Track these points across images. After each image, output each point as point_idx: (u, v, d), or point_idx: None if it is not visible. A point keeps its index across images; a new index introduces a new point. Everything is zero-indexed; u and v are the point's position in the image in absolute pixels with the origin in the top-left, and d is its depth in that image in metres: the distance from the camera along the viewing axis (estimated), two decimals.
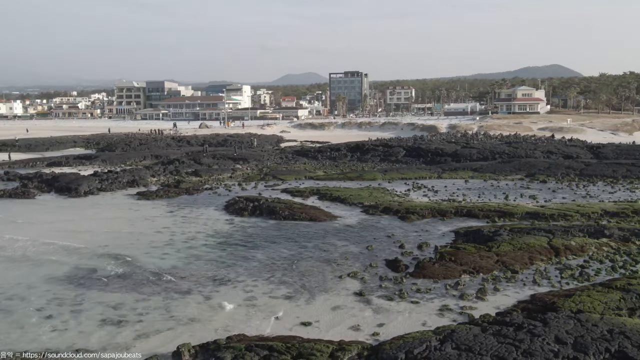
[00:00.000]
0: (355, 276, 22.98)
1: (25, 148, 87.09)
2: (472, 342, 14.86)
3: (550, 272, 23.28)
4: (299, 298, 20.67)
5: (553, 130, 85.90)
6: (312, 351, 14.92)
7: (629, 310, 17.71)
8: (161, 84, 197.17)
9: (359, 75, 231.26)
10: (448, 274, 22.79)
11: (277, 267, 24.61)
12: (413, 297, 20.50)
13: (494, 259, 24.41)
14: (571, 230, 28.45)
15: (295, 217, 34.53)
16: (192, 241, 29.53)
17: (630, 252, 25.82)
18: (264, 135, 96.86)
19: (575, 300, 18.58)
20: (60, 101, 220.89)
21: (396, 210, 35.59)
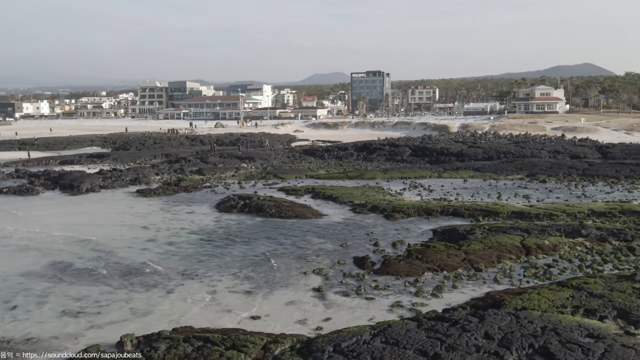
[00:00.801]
0: (320, 272, 23.34)
1: (44, 147, 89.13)
2: (401, 337, 15.13)
3: (515, 270, 23.34)
4: (258, 293, 21.11)
5: (566, 130, 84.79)
6: (245, 343, 15.35)
7: (573, 308, 17.76)
8: (183, 84, 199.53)
9: (380, 75, 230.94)
10: (411, 272, 23.00)
11: (248, 263, 25.10)
12: (370, 293, 20.78)
13: (461, 257, 24.54)
14: (548, 229, 28.40)
15: (281, 215, 34.99)
16: (174, 237, 30.20)
17: (602, 251, 25.70)
18: (276, 135, 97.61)
19: (524, 298, 18.68)
20: (85, 101, 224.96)
21: (383, 209, 35.81)
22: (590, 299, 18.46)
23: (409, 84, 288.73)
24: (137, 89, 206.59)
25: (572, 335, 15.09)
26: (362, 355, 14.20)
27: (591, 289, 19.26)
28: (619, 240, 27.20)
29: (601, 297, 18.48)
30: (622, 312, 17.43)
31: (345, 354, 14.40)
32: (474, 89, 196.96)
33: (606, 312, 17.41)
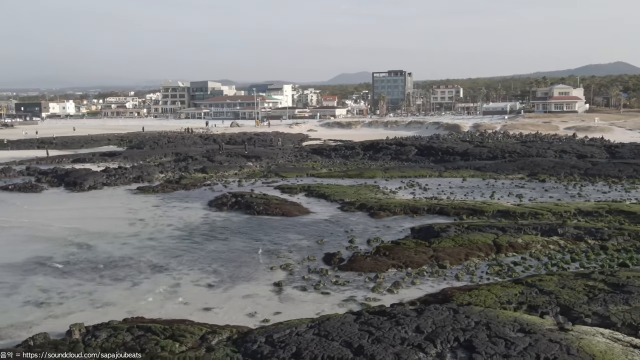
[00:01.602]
0: (287, 268, 23.76)
1: (62, 145, 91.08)
2: (334, 330, 15.47)
3: (480, 268, 23.48)
4: (220, 286, 21.65)
5: (580, 130, 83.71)
6: (184, 333, 15.86)
7: (517, 304, 17.88)
8: (204, 84, 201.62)
9: (402, 75, 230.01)
10: (376, 268, 23.28)
11: (220, 258, 25.64)
12: (328, 288, 21.13)
13: (429, 254, 24.73)
14: (524, 228, 28.41)
15: (268, 213, 35.50)
16: (157, 233, 30.93)
17: (574, 250, 25.65)
18: (289, 134, 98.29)
19: (473, 294, 18.86)
20: (109, 101, 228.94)
21: (370, 207, 36.06)
22: (538, 295, 18.55)
23: (434, 83, 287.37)
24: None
25: (502, 330, 15.25)
26: (288, 346, 14.58)
27: (543, 286, 19.33)
28: (595, 240, 27.09)
29: (549, 294, 18.56)
30: (565, 309, 17.51)
31: (273, 344, 14.79)
32: (495, 89, 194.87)
33: (549, 308, 17.50)
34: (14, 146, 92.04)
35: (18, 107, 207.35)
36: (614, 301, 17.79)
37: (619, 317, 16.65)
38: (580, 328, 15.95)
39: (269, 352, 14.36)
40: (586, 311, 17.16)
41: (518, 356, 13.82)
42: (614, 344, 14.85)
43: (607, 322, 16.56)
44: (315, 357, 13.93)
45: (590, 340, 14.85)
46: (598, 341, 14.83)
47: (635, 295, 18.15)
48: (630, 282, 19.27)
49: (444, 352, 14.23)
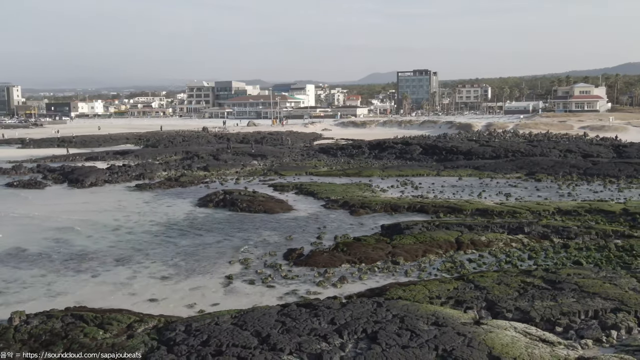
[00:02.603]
0: (245, 262, 24.37)
1: (80, 144, 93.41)
2: (253, 320, 16.00)
3: (434, 265, 23.71)
4: (173, 279, 22.36)
5: (594, 129, 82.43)
6: (111, 321, 16.57)
7: (446, 299, 18.16)
8: (229, 84, 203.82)
9: (427, 74, 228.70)
10: (330, 263, 23.72)
11: (186, 252, 26.36)
12: (275, 282, 21.68)
13: (387, 250, 25.04)
14: (492, 226, 28.50)
15: (251, 210, 36.16)
16: (137, 227, 31.87)
17: (534, 248, 25.70)
18: (303, 133, 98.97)
19: (408, 289, 19.20)
20: (136, 101, 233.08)
21: (352, 205, 36.43)
22: (470, 291, 18.80)
23: (463, 82, 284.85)
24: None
25: (414, 323, 15.58)
26: (201, 334, 15.18)
27: (480, 282, 19.56)
28: (561, 238, 27.05)
29: (482, 290, 18.79)
30: (491, 304, 17.74)
31: (189, 333, 15.40)
32: (519, 88, 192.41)
33: (474, 303, 17.74)
34: (35, 145, 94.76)
35: (49, 107, 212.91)
36: (542, 297, 17.95)
37: (539, 313, 16.82)
38: (496, 322, 16.20)
39: (182, 339, 14.98)
40: (509, 306, 17.36)
41: (417, 347, 14.16)
42: (522, 337, 15.08)
43: (526, 317, 16.75)
44: (221, 344, 14.49)
45: (498, 333, 15.09)
46: (506, 335, 15.07)
47: (565, 292, 18.28)
48: (567, 280, 19.37)
49: (346, 342, 14.65)
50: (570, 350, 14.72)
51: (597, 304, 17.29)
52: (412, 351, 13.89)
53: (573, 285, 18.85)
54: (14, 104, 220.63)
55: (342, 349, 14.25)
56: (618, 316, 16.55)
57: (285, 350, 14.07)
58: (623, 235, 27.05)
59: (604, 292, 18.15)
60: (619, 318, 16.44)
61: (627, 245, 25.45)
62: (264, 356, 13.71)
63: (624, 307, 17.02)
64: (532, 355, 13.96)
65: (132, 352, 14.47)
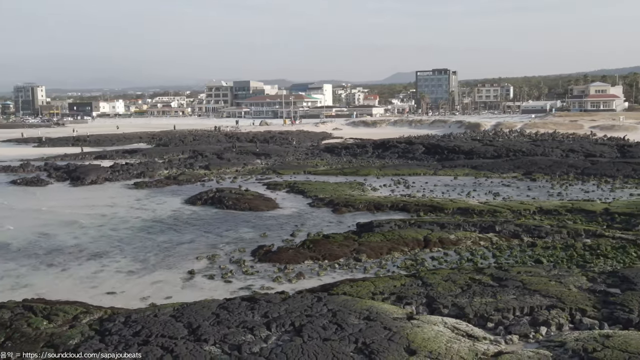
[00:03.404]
0: (212, 258, 24.92)
1: (94, 143, 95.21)
2: (190, 313, 16.52)
3: (397, 262, 24.01)
4: (138, 273, 23.02)
5: (604, 128, 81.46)
6: (58, 312, 17.24)
7: (389, 295, 18.47)
8: (247, 83, 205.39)
9: (446, 73, 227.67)
10: (293, 259, 24.16)
11: (160, 248, 27.02)
12: (234, 277, 22.20)
13: (352, 248, 25.38)
14: (464, 225, 28.66)
15: (236, 207, 36.77)
16: (122, 224, 32.68)
17: (501, 247, 25.84)
18: (312, 133, 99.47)
19: (355, 285, 19.56)
20: (156, 100, 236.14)
21: (337, 203, 36.81)
22: (415, 287, 19.08)
23: (486, 81, 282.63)
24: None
25: (345, 317, 15.95)
26: (136, 325, 15.74)
27: (428, 279, 19.83)
28: (532, 237, 27.13)
29: (427, 286, 19.06)
30: (430, 300, 18.01)
31: (126, 324, 15.98)
32: (538, 87, 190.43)
33: (413, 299, 18.03)
34: (51, 143, 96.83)
35: (71, 106, 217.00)
36: (483, 294, 18.17)
37: (474, 309, 17.06)
38: (429, 318, 16.48)
39: (117, 330, 15.56)
40: (447, 303, 17.62)
41: (337, 340, 14.53)
42: (448, 332, 15.36)
43: (461, 313, 17.00)
44: (151, 334, 15.03)
45: (425, 328, 15.39)
46: (432, 329, 15.36)
47: (508, 289, 18.47)
48: (514, 278, 19.56)
49: (272, 335, 15.09)
50: (492, 345, 14.95)
51: (535, 301, 17.46)
52: (331, 344, 14.26)
53: (518, 282, 19.02)
54: (38, 104, 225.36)
55: (265, 341, 14.68)
56: (551, 313, 16.71)
57: (209, 341, 14.55)
58: (594, 235, 26.99)
59: (545, 289, 18.30)
60: (551, 315, 16.61)
61: (595, 244, 25.46)
62: (186, 346, 14.21)
63: (560, 305, 17.17)
64: (449, 349, 14.23)
65: (67, 341, 15.08)
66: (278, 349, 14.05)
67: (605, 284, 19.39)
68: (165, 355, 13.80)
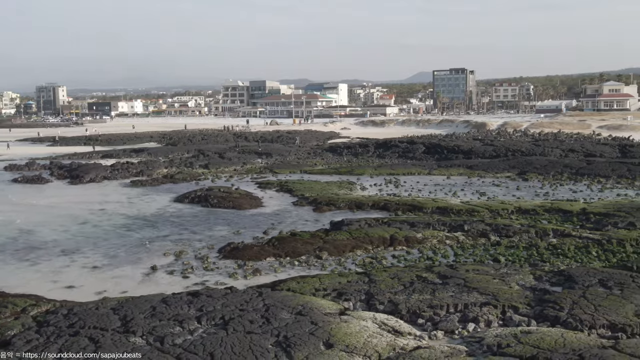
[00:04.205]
0: (178, 254, 25.50)
1: (105, 142, 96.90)
2: (130, 306, 17.09)
3: (356, 259, 24.35)
4: (102, 268, 23.71)
5: (611, 128, 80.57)
6: (7, 304, 17.97)
7: (331, 291, 18.84)
8: (263, 83, 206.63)
9: (463, 72, 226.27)
10: (256, 257, 24.65)
11: (133, 244, 27.70)
12: (194, 273, 22.77)
13: (317, 245, 25.75)
14: (434, 224, 28.89)
15: (220, 206, 37.38)
16: (105, 220, 33.51)
17: (465, 246, 26.05)
18: (320, 132, 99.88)
19: (303, 281, 20.02)
20: (174, 100, 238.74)
21: (319, 202, 37.22)
22: (359, 284, 19.43)
23: (507, 80, 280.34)
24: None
25: (277, 312, 16.38)
26: (74, 317, 16.36)
27: (375, 276, 20.18)
28: (500, 236, 27.27)
29: (372, 283, 19.41)
30: (369, 296, 18.35)
31: (66, 316, 16.59)
32: (554, 86, 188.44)
33: (353, 296, 18.38)
34: (64, 143, 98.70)
35: (90, 106, 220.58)
36: (422, 291, 18.46)
37: (407, 305, 17.38)
38: (360, 313, 16.87)
39: (56, 322, 16.16)
40: (384, 299, 17.95)
41: (260, 333, 14.97)
42: (374, 327, 15.71)
43: (395, 309, 17.33)
44: (85, 326, 15.63)
45: (351, 323, 15.76)
46: (358, 324, 15.73)
47: (448, 287, 18.75)
48: (459, 276, 19.81)
49: (199, 328, 15.59)
50: (414, 340, 15.26)
51: (470, 298, 17.71)
52: (252, 337, 14.70)
53: (460, 280, 19.26)
54: (59, 104, 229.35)
55: (191, 334, 15.19)
56: (483, 310, 16.96)
57: (137, 333, 15.09)
58: (562, 234, 27.04)
59: (484, 287, 18.53)
60: (482, 312, 16.85)
61: (559, 244, 25.54)
62: (112, 337, 14.77)
63: (494, 302, 17.40)
64: (367, 343, 14.59)
65: (5, 331, 15.73)
66: (199, 341, 14.54)
67: (549, 282, 19.56)
68: (90, 345, 14.37)
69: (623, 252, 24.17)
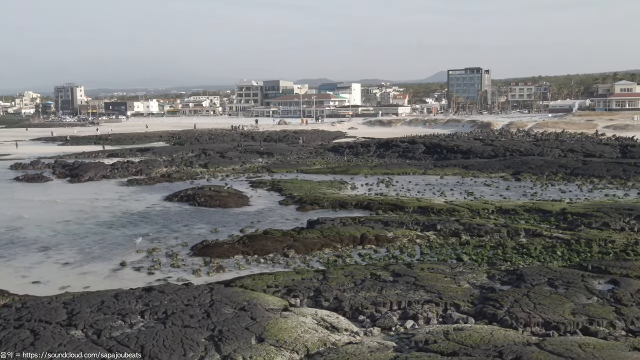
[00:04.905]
0: (151, 251, 26.03)
1: (115, 142, 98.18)
2: (81, 300, 17.61)
3: (322, 257, 24.64)
4: (73, 265, 24.31)
5: (617, 128, 79.82)
6: None
7: (282, 288, 19.18)
8: (276, 83, 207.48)
9: (478, 72, 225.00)
10: (224, 254, 25.07)
11: (110, 241, 28.27)
12: (160, 270, 23.24)
13: (286, 243, 26.08)
14: (407, 223, 29.09)
15: (207, 204, 37.90)
16: (92, 218, 34.17)
17: (433, 245, 26.24)
18: (326, 132, 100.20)
19: (258, 278, 20.41)
20: (188, 100, 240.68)
21: (304, 201, 37.58)
22: (312, 282, 19.75)
23: (524, 80, 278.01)
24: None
25: (220, 307, 16.76)
26: (25, 311, 16.89)
27: (330, 274, 20.49)
28: (471, 235, 27.38)
29: (324, 281, 19.71)
30: (317, 293, 18.66)
31: (19, 310, 17.15)
32: (567, 86, 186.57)
33: (301, 292, 18.71)
34: (75, 142, 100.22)
35: (107, 106, 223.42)
36: (370, 288, 18.73)
37: (351, 302, 17.66)
38: (302, 310, 17.20)
39: (6, 315, 16.71)
40: (330, 296, 18.25)
41: (197, 327, 15.38)
42: (312, 323, 16.02)
43: (339, 306, 17.62)
44: (31, 319, 16.17)
45: (289, 319, 16.10)
46: (297, 320, 16.05)
47: (398, 285, 19.00)
48: (412, 274, 20.02)
49: (140, 322, 16.04)
50: (348, 336, 15.55)
51: (415, 296, 17.94)
52: (187, 331, 15.11)
53: (411, 278, 19.49)
54: (77, 104, 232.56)
55: (130, 327, 15.65)
56: (424, 307, 17.19)
57: (78, 326, 15.59)
58: (534, 234, 27.09)
59: (432, 285, 18.74)
60: (423, 309, 17.08)
61: (528, 243, 25.62)
62: (53, 330, 15.28)
63: (437, 300, 17.61)
64: (299, 338, 14.91)
65: None
66: (134, 334, 14.98)
67: (500, 281, 19.70)
68: (29, 337, 14.89)
69: (589, 252, 24.20)
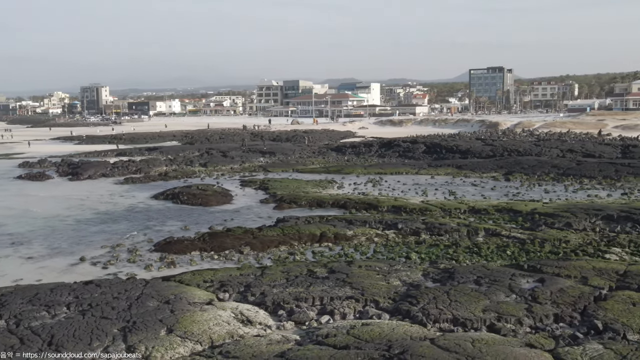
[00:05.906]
0: (114, 247, 26.88)
1: (128, 141, 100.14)
2: (18, 293, 18.48)
3: (276, 254, 25.18)
4: (36, 259, 25.28)
5: (627, 128, 78.57)
6: None
7: (216, 283, 19.76)
8: (296, 83, 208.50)
9: (500, 71, 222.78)
10: (182, 250, 25.78)
11: (81, 237, 29.22)
12: (115, 265, 24.04)
13: (244, 241, 26.67)
14: (370, 222, 29.45)
15: (189, 202, 38.72)
16: (76, 215, 35.27)
17: (389, 243, 26.58)
18: (336, 131, 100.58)
19: (197, 273, 21.05)
20: (210, 100, 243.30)
21: (283, 200, 38.16)
22: (247, 277, 20.31)
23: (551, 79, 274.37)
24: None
25: (145, 300, 17.39)
26: None
27: (269, 271, 21.02)
28: (431, 234, 27.65)
29: (258, 277, 20.24)
30: (246, 288, 19.18)
31: None
32: (589, 85, 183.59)
33: (232, 287, 19.27)
34: (89, 141, 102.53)
35: (130, 106, 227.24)
36: (299, 284, 19.18)
37: (274, 298, 18.15)
38: (224, 304, 17.75)
39: None
40: (256, 292, 18.78)
41: (113, 317, 16.04)
42: (228, 316, 16.56)
43: (262, 300, 18.14)
44: None
45: (207, 312, 16.67)
46: (214, 313, 16.61)
47: (327, 281, 19.40)
48: (346, 271, 20.41)
49: (62, 313, 16.79)
50: (257, 329, 16.08)
51: (339, 292, 18.34)
52: (102, 321, 15.78)
53: (343, 275, 19.89)
54: (102, 104, 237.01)
55: (52, 318, 16.41)
56: (343, 303, 17.60)
57: (3, 317, 16.41)
58: (493, 234, 27.23)
59: (359, 282, 19.11)
60: (342, 305, 17.49)
61: (482, 243, 25.82)
62: None
63: (359, 296, 18.00)
64: (206, 330, 15.47)
65: None
66: (49, 325, 15.73)
67: (432, 279, 19.95)
68: None
69: (539, 251, 24.28)
